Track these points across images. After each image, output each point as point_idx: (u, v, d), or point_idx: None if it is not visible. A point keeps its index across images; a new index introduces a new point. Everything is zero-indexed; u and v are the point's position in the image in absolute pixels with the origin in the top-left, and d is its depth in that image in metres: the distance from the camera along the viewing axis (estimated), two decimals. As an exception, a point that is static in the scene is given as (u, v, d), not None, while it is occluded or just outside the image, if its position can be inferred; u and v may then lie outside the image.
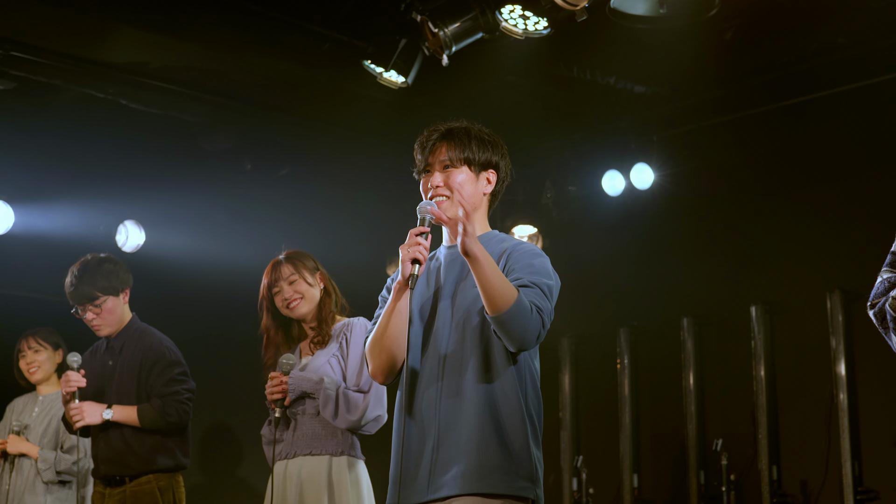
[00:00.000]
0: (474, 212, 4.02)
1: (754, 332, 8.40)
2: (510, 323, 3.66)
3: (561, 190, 9.40)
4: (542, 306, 3.74)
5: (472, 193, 4.03)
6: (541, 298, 3.75)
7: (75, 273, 6.17)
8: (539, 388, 3.92)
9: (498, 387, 3.79)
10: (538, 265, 3.88)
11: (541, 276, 3.83)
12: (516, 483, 3.73)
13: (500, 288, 3.66)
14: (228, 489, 9.42)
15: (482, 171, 4.07)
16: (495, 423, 3.76)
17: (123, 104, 7.80)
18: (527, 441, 3.77)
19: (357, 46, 7.38)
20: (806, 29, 7.37)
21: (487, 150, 4.08)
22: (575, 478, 9.12)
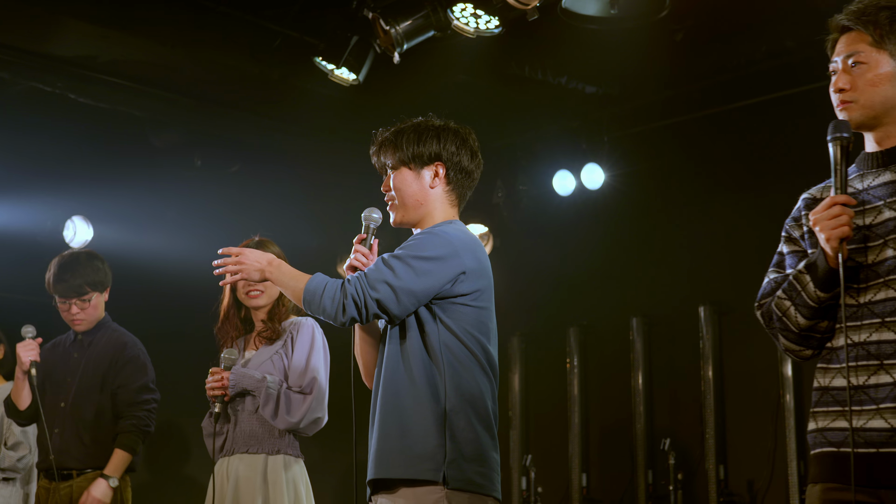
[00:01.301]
0: (419, 207, 4.03)
1: (702, 332, 8.45)
2: (309, 309, 3.84)
3: (512, 189, 9.41)
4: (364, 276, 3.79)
5: (417, 191, 4.04)
6: (372, 270, 3.80)
7: (63, 266, 6.12)
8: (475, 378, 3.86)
9: (404, 373, 3.83)
10: (413, 241, 3.90)
11: (405, 250, 3.86)
12: (419, 465, 3.73)
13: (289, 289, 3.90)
14: (175, 487, 9.37)
15: (426, 166, 4.04)
16: (394, 410, 3.81)
17: (72, 98, 7.74)
18: (429, 425, 3.75)
19: (308, 43, 7.36)
20: (755, 32, 7.42)
21: (425, 143, 4.04)
22: (524, 477, 9.14)
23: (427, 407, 3.78)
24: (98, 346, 6.10)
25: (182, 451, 9.52)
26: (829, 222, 3.01)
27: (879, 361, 3.00)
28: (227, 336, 5.46)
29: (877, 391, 3.00)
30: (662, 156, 8.89)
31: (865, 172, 3.19)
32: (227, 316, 5.47)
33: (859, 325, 3.06)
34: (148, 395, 6.03)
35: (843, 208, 3.00)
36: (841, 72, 3.20)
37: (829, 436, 3.09)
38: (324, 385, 5.29)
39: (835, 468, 3.06)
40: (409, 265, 3.79)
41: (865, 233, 3.10)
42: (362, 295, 3.75)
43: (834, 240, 2.99)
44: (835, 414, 3.09)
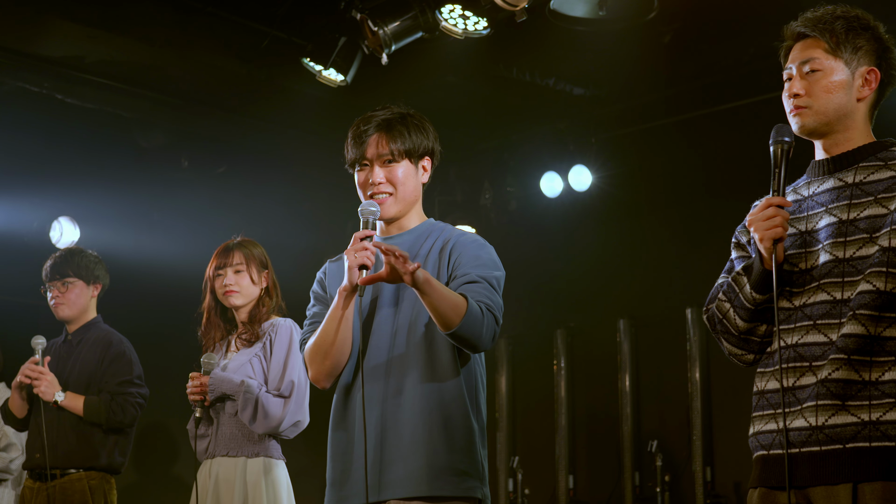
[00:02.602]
0: (413, 204, 3.85)
1: (690, 334, 8.46)
2: (464, 334, 3.54)
3: (499, 191, 9.40)
4: (493, 302, 3.62)
5: (415, 187, 3.85)
6: (490, 294, 3.63)
7: (57, 256, 6.19)
8: (484, 388, 3.81)
9: (445, 387, 3.64)
10: (485, 257, 3.75)
11: (489, 268, 3.71)
12: (466, 483, 3.62)
13: (449, 305, 3.52)
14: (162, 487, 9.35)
15: (420, 161, 3.87)
16: (443, 424, 3.62)
17: (59, 99, 7.72)
18: (473, 441, 3.65)
19: (296, 44, 7.35)
20: (743, 34, 7.42)
21: (423, 137, 3.88)
22: (511, 478, 9.14)
23: (470, 421, 3.66)
24: (86, 346, 6.10)
25: (169, 452, 9.50)
26: (763, 223, 3.07)
27: (808, 363, 3.04)
28: (210, 338, 5.45)
29: (802, 392, 3.04)
30: (650, 158, 8.90)
31: (812, 180, 3.26)
32: (209, 317, 5.46)
33: (793, 327, 3.10)
34: (132, 388, 6.02)
35: (778, 210, 3.07)
36: (796, 78, 3.23)
37: (761, 439, 3.14)
38: (303, 388, 5.26)
39: (766, 471, 3.11)
40: (502, 288, 3.73)
41: (806, 238, 3.15)
42: (498, 324, 3.64)
43: (767, 240, 3.06)
44: (767, 417, 3.14)
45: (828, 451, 2.98)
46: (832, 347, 3.01)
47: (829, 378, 2.99)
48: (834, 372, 2.99)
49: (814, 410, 3.00)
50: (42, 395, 5.84)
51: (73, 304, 6.13)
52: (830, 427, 2.98)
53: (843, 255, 3.06)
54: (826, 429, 2.98)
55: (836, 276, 3.06)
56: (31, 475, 6.01)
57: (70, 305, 6.12)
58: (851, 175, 3.16)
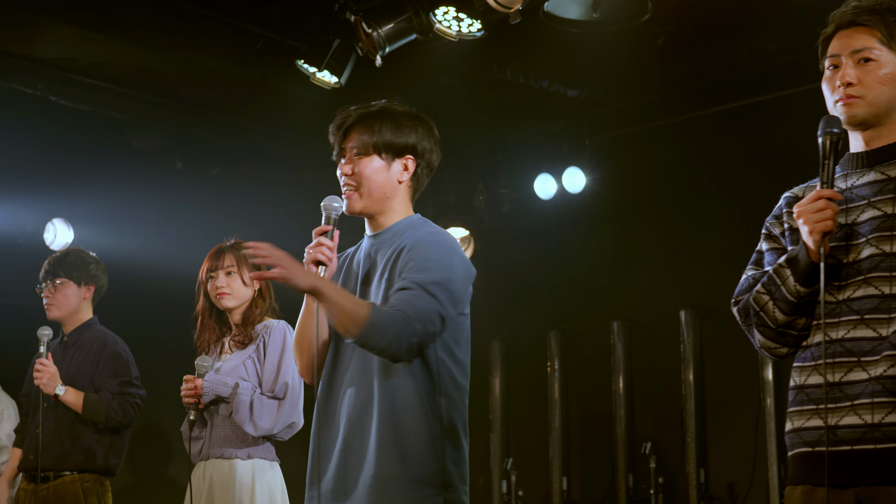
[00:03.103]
0: (384, 200, 3.79)
1: (683, 336, 8.46)
2: (365, 344, 3.50)
3: (493, 192, 9.41)
4: (417, 309, 3.51)
5: (383, 184, 3.79)
6: (418, 300, 3.53)
7: (53, 256, 6.22)
8: (462, 389, 3.73)
9: (398, 393, 3.59)
10: (435, 258, 3.64)
11: (433, 271, 3.59)
12: (419, 492, 3.56)
13: (346, 315, 3.47)
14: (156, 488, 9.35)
15: (397, 158, 3.80)
16: (395, 431, 3.58)
17: (52, 100, 7.71)
18: (431, 447, 3.58)
19: (290, 46, 7.35)
20: (737, 36, 7.44)
21: (404, 134, 3.81)
22: (504, 480, 9.13)
23: (425, 426, 3.59)
24: (82, 347, 6.10)
25: (164, 453, 9.49)
26: (813, 215, 3.01)
27: (856, 358, 3.00)
28: (204, 340, 5.46)
29: (852, 388, 3.00)
30: (644, 159, 8.90)
31: (850, 172, 3.19)
32: (203, 319, 5.46)
33: (837, 321, 3.06)
34: (131, 388, 6.02)
35: (828, 202, 3.01)
36: (847, 65, 3.15)
37: (805, 435, 3.10)
38: (297, 389, 5.27)
39: (811, 468, 3.06)
40: (449, 290, 3.60)
41: (847, 231, 3.10)
42: (425, 331, 3.52)
43: (817, 233, 3.00)
44: (809, 413, 3.09)
45: (883, 449, 2.94)
46: (884, 343, 2.98)
47: (885, 375, 2.95)
48: (890, 368, 2.96)
49: (869, 408, 2.96)
50: (43, 388, 5.85)
51: (61, 305, 6.12)
52: (887, 425, 2.94)
53: (891, 248, 3.03)
54: (883, 427, 2.94)
55: (883, 270, 3.02)
56: (26, 477, 6.01)
57: (59, 306, 6.12)
58: (894, 169, 3.12)
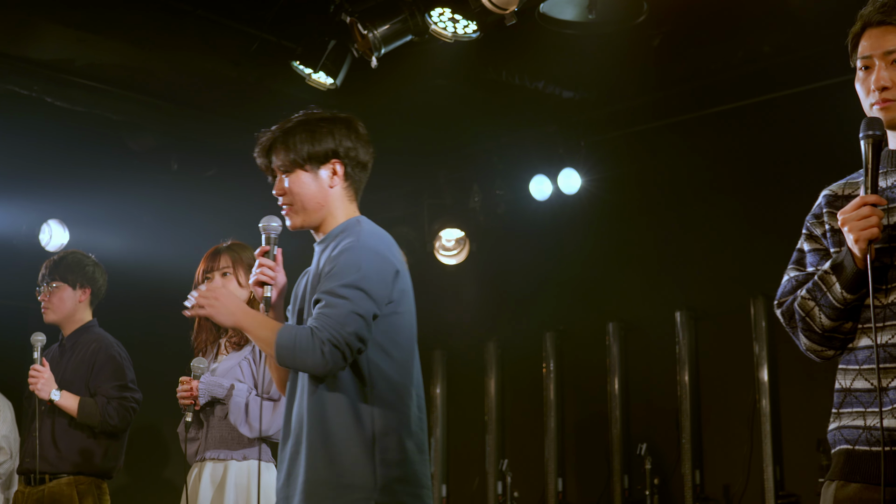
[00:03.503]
0: (320, 209, 3.89)
1: (679, 337, 8.46)
2: (287, 365, 3.66)
3: (488, 194, 9.40)
4: (329, 319, 3.58)
5: (316, 192, 3.88)
6: (329, 307, 3.60)
7: (52, 258, 6.23)
8: (400, 390, 3.75)
9: (328, 398, 3.67)
10: (342, 264, 3.69)
11: (342, 276, 3.65)
12: (346, 496, 3.61)
13: (261, 342, 3.70)
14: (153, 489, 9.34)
15: (322, 165, 3.88)
16: (324, 437, 3.65)
17: (48, 101, 7.71)
18: (361, 451, 3.63)
19: (285, 47, 7.35)
20: (733, 37, 7.44)
21: (321, 141, 3.88)
22: (500, 481, 9.13)
23: (354, 431, 3.64)
24: (78, 351, 6.10)
25: (160, 455, 9.49)
26: (858, 223, 2.94)
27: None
28: (201, 341, 5.46)
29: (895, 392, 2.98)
30: (639, 161, 8.91)
31: (889, 171, 3.12)
32: (200, 321, 5.46)
33: (883, 325, 3.02)
34: (127, 392, 6.02)
35: (873, 209, 2.94)
36: (880, 67, 3.10)
37: (846, 434, 3.08)
38: None
39: (848, 465, 3.06)
40: (361, 288, 3.63)
41: (891, 232, 3.04)
42: (339, 335, 3.56)
43: (863, 241, 2.94)
44: (856, 414, 3.07)
45: None
46: None
47: None
48: None
49: None
50: (38, 393, 5.85)
51: (56, 308, 6.12)
52: None
53: None
54: None
55: None
56: (23, 479, 6.01)
57: (54, 310, 6.12)
58: None
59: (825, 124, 7.29)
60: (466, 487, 9.62)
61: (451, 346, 9.93)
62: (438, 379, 9.88)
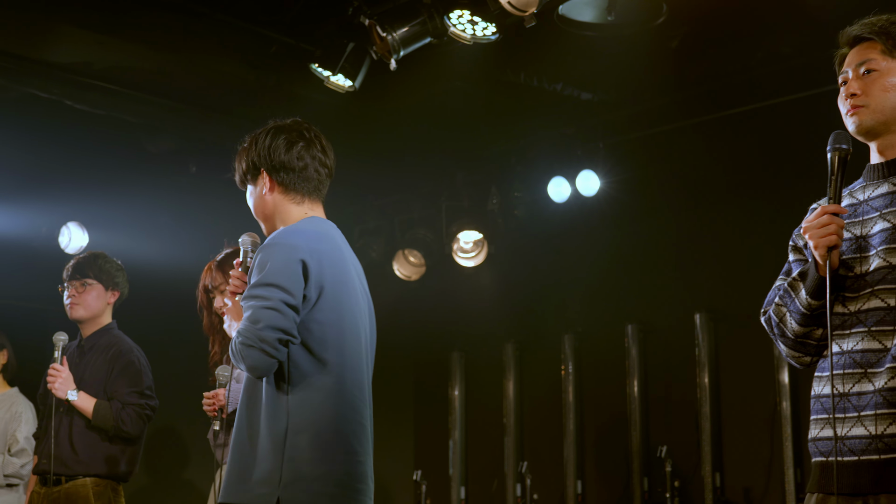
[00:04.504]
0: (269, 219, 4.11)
1: (698, 339, 8.44)
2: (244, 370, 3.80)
3: (507, 196, 9.40)
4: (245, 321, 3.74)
5: (258, 205, 4.12)
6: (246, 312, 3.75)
7: (80, 256, 6.28)
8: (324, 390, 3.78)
9: (249, 394, 3.82)
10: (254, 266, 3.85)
11: (252, 280, 3.82)
12: (250, 491, 3.70)
13: None
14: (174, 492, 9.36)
15: (255, 178, 4.10)
16: (242, 431, 3.79)
17: (67, 105, 7.73)
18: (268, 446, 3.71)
19: (304, 50, 7.35)
20: (751, 38, 7.42)
21: (244, 156, 4.12)
22: (519, 483, 9.12)
23: (266, 427, 3.73)
24: (98, 353, 6.11)
25: (181, 457, 9.50)
26: (818, 231, 3.09)
27: (864, 370, 3.06)
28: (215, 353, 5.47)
29: (859, 399, 3.06)
30: (658, 162, 8.89)
31: (868, 183, 3.27)
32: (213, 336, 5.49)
33: (848, 333, 3.13)
34: (142, 399, 6.04)
35: (833, 217, 3.08)
36: (853, 78, 3.27)
37: (820, 445, 3.17)
38: None
39: (825, 477, 3.13)
40: (268, 284, 3.74)
41: (861, 243, 3.17)
42: (252, 335, 3.67)
43: (821, 248, 3.08)
44: (822, 422, 3.17)
45: (887, 459, 3.00)
46: (888, 355, 3.03)
47: (886, 387, 3.01)
48: (891, 380, 3.02)
49: (873, 419, 3.02)
50: (55, 392, 5.87)
51: (88, 305, 6.15)
52: (889, 436, 3.00)
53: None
54: (885, 437, 3.00)
55: (889, 282, 3.08)
56: (39, 480, 6.02)
57: (85, 307, 6.15)
58: None
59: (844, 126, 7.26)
60: (485, 489, 9.61)
61: (470, 348, 9.93)
62: (457, 381, 9.88)
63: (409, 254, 9.92)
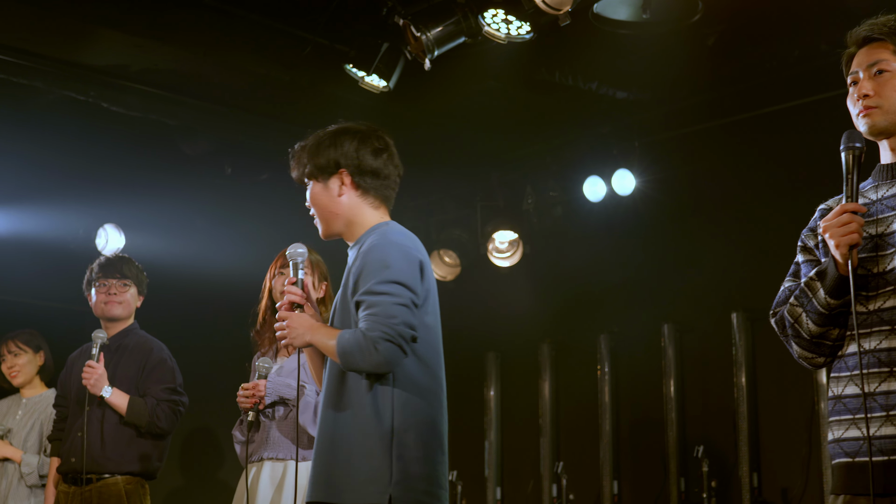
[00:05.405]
0: (337, 219, 4.05)
1: (735, 339, 8.40)
2: (352, 370, 3.76)
3: (542, 196, 9.39)
4: (376, 317, 3.70)
5: (327, 204, 4.05)
6: (373, 306, 3.72)
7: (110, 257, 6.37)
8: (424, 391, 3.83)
9: (350, 393, 3.79)
10: (372, 262, 3.82)
11: (373, 275, 3.78)
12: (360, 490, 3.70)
13: (329, 352, 3.80)
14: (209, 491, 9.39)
15: (330, 176, 4.03)
16: (340, 429, 3.77)
17: (104, 107, 7.77)
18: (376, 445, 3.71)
19: (339, 50, 7.36)
20: (788, 35, 7.37)
21: (322, 153, 4.05)
22: (555, 484, 9.11)
23: (372, 426, 3.72)
24: (125, 352, 6.16)
25: (215, 456, 9.54)
26: (838, 229, 3.07)
27: (889, 368, 3.05)
28: (265, 338, 5.48)
29: (887, 398, 3.04)
30: (694, 161, 8.85)
31: (880, 183, 3.26)
32: (265, 318, 5.48)
33: (869, 332, 3.12)
34: (175, 396, 6.09)
35: (853, 216, 3.07)
36: (864, 79, 3.27)
37: (844, 446, 3.14)
38: None
39: (852, 478, 3.10)
40: (396, 281, 3.75)
41: (877, 241, 3.16)
42: (390, 329, 3.67)
43: (843, 246, 3.06)
44: (847, 423, 3.14)
45: None
46: None
47: None
48: None
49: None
50: (91, 389, 5.91)
51: (127, 304, 6.25)
52: None
53: None
54: None
55: None
56: (66, 479, 6.05)
57: (125, 306, 6.23)
58: None
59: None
60: (521, 490, 9.59)
61: (505, 349, 9.92)
62: (493, 381, 9.87)
63: (445, 254, 9.92)
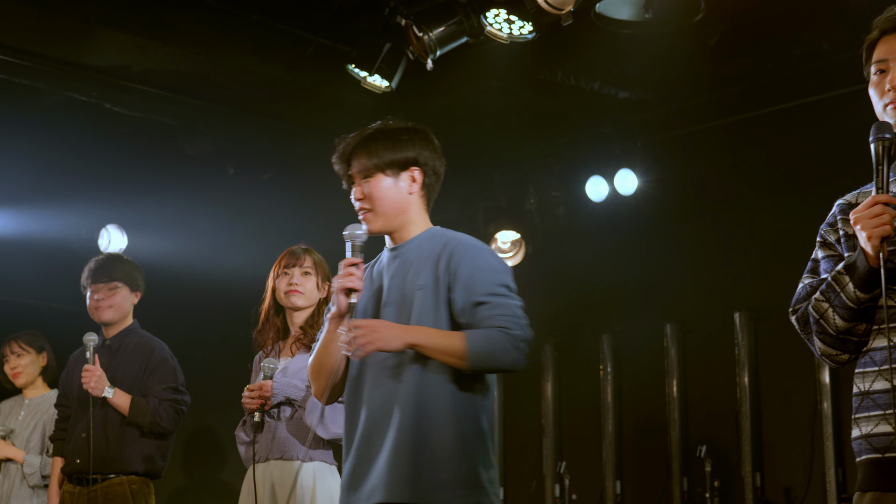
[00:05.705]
0: (400, 215, 3.94)
1: (738, 338, 8.40)
2: (480, 371, 3.71)
3: (544, 196, 9.38)
4: (510, 316, 3.70)
5: (395, 199, 3.93)
6: (502, 309, 3.71)
7: (99, 259, 6.33)
8: (490, 392, 3.87)
9: (430, 397, 3.72)
10: (482, 264, 3.80)
11: (490, 278, 3.76)
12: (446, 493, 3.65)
13: (447, 354, 3.67)
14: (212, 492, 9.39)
15: (402, 172, 3.94)
16: (422, 433, 3.69)
17: (106, 107, 7.76)
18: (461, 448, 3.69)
19: (341, 50, 7.35)
20: (790, 35, 7.36)
21: (402, 148, 3.94)
22: (557, 484, 9.11)
23: (458, 427, 3.71)
24: (126, 352, 6.16)
25: (218, 457, 9.53)
26: (870, 221, 2.99)
27: None
28: (267, 338, 5.47)
29: None
30: (696, 161, 8.84)
31: None
32: (268, 318, 5.47)
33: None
34: (177, 395, 6.09)
35: (885, 207, 2.99)
36: (894, 69, 3.19)
37: (874, 441, 3.07)
38: None
39: (881, 474, 3.04)
40: (509, 286, 3.79)
41: None
42: (525, 331, 3.71)
43: (875, 238, 2.98)
44: (877, 418, 3.07)
45: None
46: None
47: None
48: None
49: None
50: (91, 391, 5.91)
51: (118, 307, 6.21)
52: None
53: None
54: None
55: None
56: (70, 480, 6.06)
57: (116, 309, 6.21)
58: None
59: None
60: (524, 490, 9.59)
61: (508, 349, 9.90)
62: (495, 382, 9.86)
63: (447, 254, 9.90)
